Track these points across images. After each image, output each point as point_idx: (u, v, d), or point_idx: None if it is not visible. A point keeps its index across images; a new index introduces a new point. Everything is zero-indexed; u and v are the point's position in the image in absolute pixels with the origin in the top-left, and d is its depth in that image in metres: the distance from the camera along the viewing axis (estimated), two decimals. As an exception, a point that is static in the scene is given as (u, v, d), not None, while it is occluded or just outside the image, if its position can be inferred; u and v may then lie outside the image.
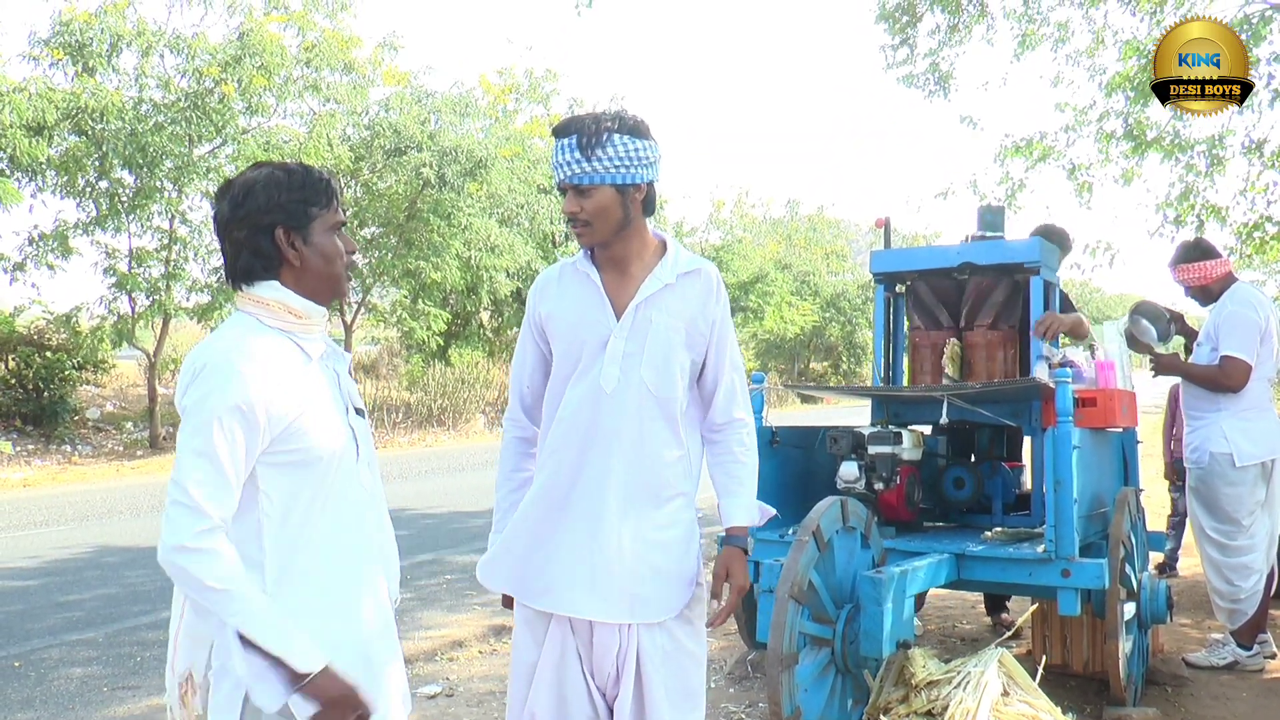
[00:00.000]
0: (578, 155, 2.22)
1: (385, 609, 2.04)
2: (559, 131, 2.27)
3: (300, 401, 1.88)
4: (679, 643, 2.32)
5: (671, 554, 2.31)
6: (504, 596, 2.44)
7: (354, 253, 2.04)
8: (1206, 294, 4.97)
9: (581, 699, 2.29)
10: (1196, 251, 5.00)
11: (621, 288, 2.32)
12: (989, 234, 4.92)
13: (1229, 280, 4.94)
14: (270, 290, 1.93)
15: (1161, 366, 5.00)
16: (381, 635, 2.01)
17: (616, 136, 2.22)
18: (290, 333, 1.93)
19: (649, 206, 2.33)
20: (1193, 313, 5.80)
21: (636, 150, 2.23)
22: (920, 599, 5.91)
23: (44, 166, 14.63)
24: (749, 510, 2.41)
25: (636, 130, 2.25)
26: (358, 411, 2.08)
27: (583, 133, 2.22)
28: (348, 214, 2.04)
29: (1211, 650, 4.87)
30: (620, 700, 2.25)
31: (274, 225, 1.92)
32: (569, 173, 2.24)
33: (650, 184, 2.30)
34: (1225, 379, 4.76)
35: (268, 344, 1.89)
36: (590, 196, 2.24)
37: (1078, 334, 4.70)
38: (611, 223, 2.27)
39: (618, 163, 2.22)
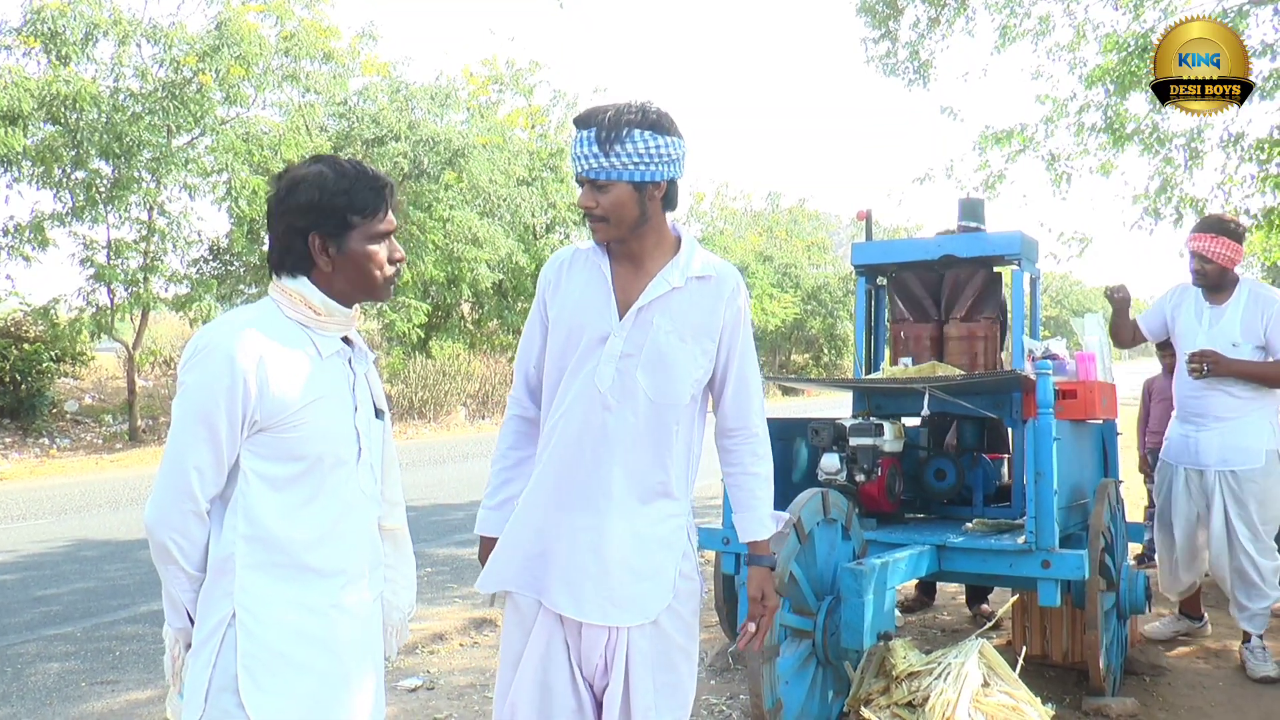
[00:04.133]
0: (595, 150, 2.15)
1: (365, 613, 2.02)
2: (580, 122, 2.21)
3: (302, 395, 1.88)
4: (669, 637, 2.29)
5: (656, 557, 2.27)
6: (492, 595, 2.41)
7: (401, 260, 2.00)
8: (1223, 278, 4.65)
9: (566, 690, 2.27)
10: (1240, 232, 4.70)
11: (631, 285, 2.27)
12: (970, 225, 4.94)
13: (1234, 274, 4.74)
14: (295, 284, 1.94)
15: (1221, 368, 4.59)
16: (358, 640, 1.99)
17: (637, 132, 2.15)
18: (307, 327, 1.94)
19: (669, 203, 2.27)
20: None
21: (657, 147, 2.16)
22: (982, 593, 5.72)
23: (19, 156, 14.44)
24: (764, 523, 2.38)
25: (658, 126, 2.17)
26: (377, 413, 2.08)
27: (602, 126, 2.15)
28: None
29: (1258, 660, 4.65)
30: (610, 693, 2.24)
31: (309, 230, 1.90)
32: (586, 166, 2.17)
33: (671, 181, 2.23)
34: None
35: (279, 333, 1.89)
36: (607, 192, 2.18)
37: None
38: (628, 220, 2.21)
39: (636, 159, 2.15)
